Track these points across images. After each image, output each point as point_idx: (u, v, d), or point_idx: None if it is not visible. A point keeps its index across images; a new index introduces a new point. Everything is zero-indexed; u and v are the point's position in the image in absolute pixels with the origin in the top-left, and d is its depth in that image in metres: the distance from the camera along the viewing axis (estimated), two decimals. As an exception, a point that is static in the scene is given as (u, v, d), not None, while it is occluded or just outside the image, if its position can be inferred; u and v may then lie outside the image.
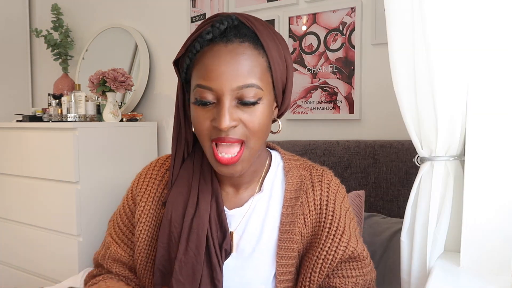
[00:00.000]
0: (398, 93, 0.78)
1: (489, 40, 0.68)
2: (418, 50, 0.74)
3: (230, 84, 0.58)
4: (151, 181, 0.75)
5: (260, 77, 0.61)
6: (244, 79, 0.59)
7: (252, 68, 0.60)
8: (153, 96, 2.00)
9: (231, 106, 0.59)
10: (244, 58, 0.59)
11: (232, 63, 0.58)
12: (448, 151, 0.77)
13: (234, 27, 0.61)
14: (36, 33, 2.10)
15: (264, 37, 0.61)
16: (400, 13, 0.75)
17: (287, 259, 0.69)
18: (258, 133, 0.62)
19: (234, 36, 0.60)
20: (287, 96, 0.69)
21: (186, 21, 1.87)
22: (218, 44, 0.60)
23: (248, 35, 0.61)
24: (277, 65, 0.63)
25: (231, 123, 0.59)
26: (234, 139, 0.61)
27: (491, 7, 0.68)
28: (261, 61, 0.61)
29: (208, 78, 0.59)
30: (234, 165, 0.62)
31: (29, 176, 1.67)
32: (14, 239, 1.78)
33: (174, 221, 0.68)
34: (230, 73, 0.58)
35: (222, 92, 0.59)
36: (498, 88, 0.68)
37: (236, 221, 0.71)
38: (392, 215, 1.22)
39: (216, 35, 0.60)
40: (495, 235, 0.69)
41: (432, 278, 0.69)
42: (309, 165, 0.76)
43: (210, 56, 0.60)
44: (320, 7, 1.51)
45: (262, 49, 0.61)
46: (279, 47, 0.64)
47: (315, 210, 0.70)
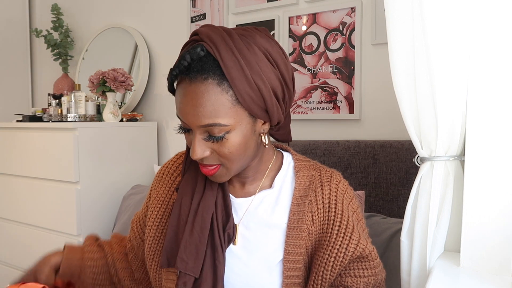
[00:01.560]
0: (398, 93, 0.78)
1: (489, 40, 0.68)
2: (418, 50, 0.74)
3: (195, 122, 0.62)
4: (165, 175, 0.83)
5: (225, 114, 0.61)
6: (207, 120, 0.61)
7: (215, 108, 0.60)
8: (153, 96, 2.00)
9: (200, 138, 0.63)
10: (206, 99, 0.60)
11: (195, 105, 0.60)
12: (448, 151, 0.77)
13: (199, 60, 0.60)
14: (36, 33, 2.10)
15: (229, 69, 0.59)
16: (400, 13, 0.75)
17: (295, 255, 0.70)
18: (232, 158, 0.65)
19: (197, 72, 0.60)
20: (273, 114, 0.66)
21: (186, 21, 1.87)
22: (184, 80, 0.62)
23: (212, 69, 0.60)
24: (246, 96, 0.61)
25: (203, 154, 0.64)
26: (210, 164, 0.66)
27: (491, 7, 0.68)
28: (225, 97, 0.60)
29: (180, 113, 0.64)
30: (214, 176, 0.68)
31: (29, 176, 1.68)
32: (14, 239, 1.78)
33: (183, 205, 0.72)
34: (194, 114, 0.61)
35: (192, 127, 0.63)
36: (498, 88, 0.68)
37: (242, 210, 0.74)
38: (392, 215, 1.22)
39: (182, 71, 0.61)
40: (495, 235, 0.69)
41: (432, 278, 0.69)
42: (319, 167, 0.78)
43: (178, 91, 0.63)
44: (320, 7, 1.51)
45: (227, 82, 0.60)
46: (246, 74, 0.60)
47: (323, 209, 0.72)
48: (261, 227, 0.73)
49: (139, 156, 1.81)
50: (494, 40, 0.68)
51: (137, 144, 1.81)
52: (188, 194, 0.73)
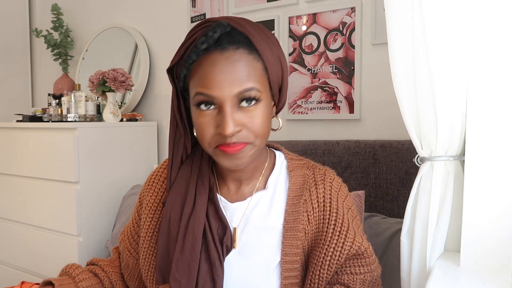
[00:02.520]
0: (398, 93, 0.78)
1: (489, 40, 0.68)
2: (418, 50, 0.74)
3: (229, 91, 0.60)
4: (155, 183, 0.80)
5: (258, 80, 0.62)
6: (243, 84, 0.60)
7: (249, 72, 0.61)
8: (153, 96, 2.00)
9: (233, 112, 0.61)
10: (240, 64, 0.61)
11: (230, 71, 0.60)
12: (448, 151, 0.77)
13: (227, 33, 0.62)
14: (36, 33, 2.10)
15: (258, 40, 0.63)
16: (400, 13, 0.75)
17: (292, 255, 0.70)
18: (261, 133, 0.64)
19: (228, 43, 0.61)
20: (283, 94, 0.71)
21: (186, 21, 1.87)
22: (214, 53, 0.61)
23: (241, 41, 0.62)
24: (272, 66, 0.65)
25: (235, 128, 0.61)
26: (239, 142, 0.63)
27: (491, 7, 0.68)
28: (257, 65, 0.63)
29: (208, 87, 0.61)
30: (237, 155, 0.64)
31: (29, 176, 1.68)
32: (14, 239, 1.78)
33: (172, 221, 0.70)
34: (229, 80, 0.60)
35: (223, 99, 0.60)
36: (498, 88, 0.68)
37: (238, 215, 0.73)
38: (392, 215, 1.22)
39: (210, 44, 0.61)
40: (495, 235, 0.69)
41: (432, 278, 0.69)
42: (312, 165, 0.78)
43: (207, 65, 0.61)
44: (320, 7, 1.51)
45: (256, 53, 0.63)
46: (272, 48, 0.65)
47: (318, 208, 0.72)
48: (257, 230, 0.72)
49: (139, 156, 1.81)
50: (494, 40, 0.68)
51: (137, 144, 1.81)
52: (177, 207, 0.71)
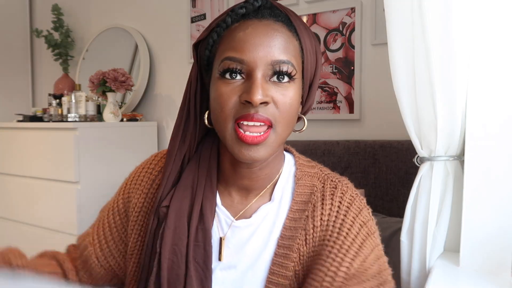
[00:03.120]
0: (398, 93, 0.78)
1: (489, 40, 0.68)
2: (418, 50, 0.74)
3: (265, 57, 0.53)
4: (146, 175, 0.69)
5: (295, 57, 0.56)
6: (280, 54, 0.54)
7: (288, 45, 0.56)
8: (153, 96, 2.00)
9: (263, 81, 0.54)
10: (279, 34, 0.55)
11: (268, 37, 0.54)
12: (448, 151, 0.77)
13: (268, 7, 0.58)
14: (37, 33, 2.11)
15: (297, 22, 0.59)
16: (400, 13, 0.75)
17: (279, 277, 0.60)
18: (287, 116, 0.56)
19: (269, 14, 0.57)
20: (313, 92, 0.63)
21: (186, 21, 1.87)
22: (252, 20, 0.56)
23: (282, 17, 0.57)
24: (309, 53, 0.59)
25: (263, 97, 0.53)
26: (263, 117, 0.54)
27: (491, 7, 0.68)
28: (295, 43, 0.57)
29: (240, 50, 0.54)
30: (258, 146, 0.55)
31: (29, 176, 1.68)
32: (14, 239, 1.78)
33: (179, 232, 0.60)
34: (266, 45, 0.54)
35: (255, 65, 0.53)
36: (498, 88, 0.68)
37: (243, 233, 0.63)
38: (392, 215, 1.22)
39: (249, 11, 0.57)
40: (494, 235, 0.69)
41: (432, 278, 0.69)
42: (324, 175, 0.67)
43: (243, 29, 0.55)
44: (320, 7, 1.51)
45: (295, 32, 0.58)
46: (311, 37, 0.60)
47: (321, 227, 0.61)
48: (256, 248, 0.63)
49: (139, 156, 1.80)
50: (493, 40, 0.68)
51: (137, 144, 1.81)
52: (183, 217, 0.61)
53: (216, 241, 0.63)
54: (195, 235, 0.60)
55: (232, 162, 0.63)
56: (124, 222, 0.70)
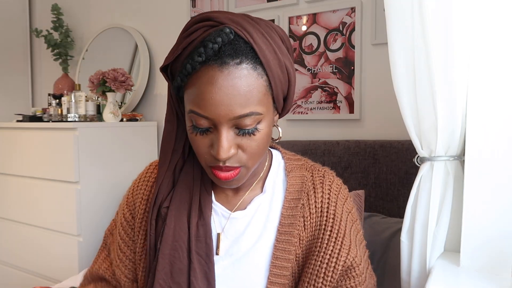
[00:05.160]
0: (398, 93, 0.78)
1: (489, 40, 0.68)
2: (418, 50, 0.74)
3: (226, 114, 0.54)
4: (144, 184, 0.73)
5: (260, 101, 0.56)
6: (242, 109, 0.54)
7: (251, 93, 0.54)
8: (153, 96, 2.00)
9: (228, 135, 0.56)
10: (241, 84, 0.53)
11: (229, 91, 0.53)
12: (448, 151, 0.77)
13: (229, 43, 0.53)
14: (36, 33, 2.10)
15: (263, 52, 0.55)
16: (400, 13, 0.75)
17: (283, 261, 0.66)
18: (257, 155, 0.60)
19: (230, 56, 0.53)
20: (289, 103, 0.65)
21: (186, 21, 1.86)
22: (212, 67, 0.53)
23: (245, 53, 0.54)
24: (278, 80, 0.58)
25: (229, 153, 0.56)
26: (232, 166, 0.58)
27: (491, 7, 0.68)
28: (261, 82, 0.55)
29: (203, 107, 0.54)
30: (231, 181, 0.61)
31: (29, 176, 1.68)
32: (14, 239, 1.78)
33: (179, 230, 0.65)
34: (227, 102, 0.53)
35: (218, 121, 0.54)
36: (498, 88, 0.68)
37: (239, 224, 0.68)
38: (392, 215, 1.22)
39: (209, 56, 0.53)
40: (495, 235, 0.69)
41: (432, 278, 0.69)
42: (311, 166, 0.73)
43: (204, 81, 0.54)
44: (320, 7, 1.51)
45: (261, 67, 0.55)
46: (279, 57, 0.57)
47: (316, 213, 0.68)
48: (253, 237, 0.67)
49: (139, 156, 1.81)
50: (494, 40, 0.68)
51: (137, 144, 1.81)
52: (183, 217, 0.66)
53: (214, 236, 0.67)
54: (196, 231, 0.65)
55: None
56: (131, 231, 0.73)
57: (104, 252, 0.78)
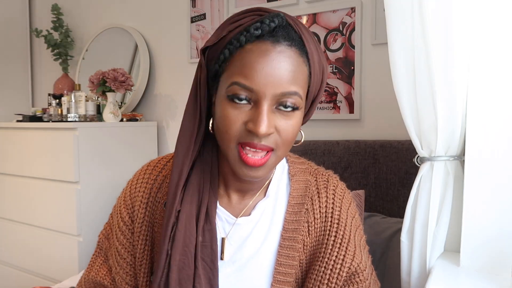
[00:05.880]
0: (398, 93, 0.78)
1: (489, 40, 0.68)
2: (418, 50, 0.74)
3: (274, 88, 0.54)
4: (143, 186, 0.70)
5: (303, 86, 0.57)
6: (289, 86, 0.55)
7: (298, 75, 0.56)
8: (153, 96, 2.00)
9: (270, 111, 0.55)
10: (291, 63, 0.55)
11: (280, 66, 0.54)
12: (448, 151, 0.77)
13: (283, 27, 0.56)
14: (36, 33, 2.11)
15: (309, 44, 0.58)
16: (400, 13, 0.75)
17: (286, 267, 0.65)
18: (288, 142, 0.59)
19: (283, 38, 0.55)
20: (314, 107, 0.65)
21: (186, 21, 1.87)
22: (265, 43, 0.54)
23: (295, 40, 0.56)
24: (316, 76, 0.59)
25: (268, 130, 0.55)
26: (266, 146, 0.57)
27: (491, 7, 0.68)
28: (305, 69, 0.57)
29: (251, 77, 0.54)
30: (258, 168, 0.58)
31: (29, 176, 1.68)
32: (14, 239, 1.78)
33: (189, 235, 0.62)
34: (277, 76, 0.54)
35: (263, 95, 0.54)
36: (498, 88, 0.68)
37: (243, 230, 0.67)
38: (392, 215, 1.22)
39: (265, 32, 0.55)
40: (495, 235, 0.69)
41: (432, 278, 0.69)
42: (315, 170, 0.72)
43: (257, 54, 0.54)
44: (320, 7, 1.51)
45: (306, 57, 0.57)
46: (320, 57, 0.60)
47: (320, 218, 0.67)
48: (257, 243, 0.66)
49: (139, 156, 1.81)
50: (494, 40, 0.68)
51: (137, 144, 1.81)
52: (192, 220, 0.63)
53: (218, 241, 0.66)
54: (203, 236, 0.63)
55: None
56: (131, 235, 0.71)
57: (100, 258, 0.75)
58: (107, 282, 0.73)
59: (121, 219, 0.71)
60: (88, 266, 0.76)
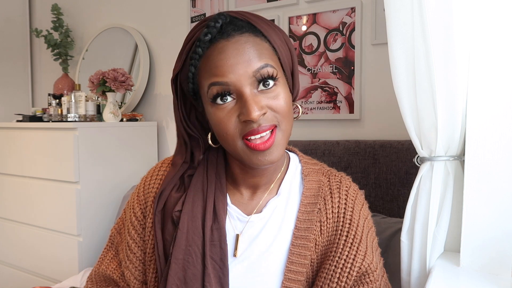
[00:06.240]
0: (398, 93, 0.78)
1: (489, 40, 0.68)
2: (418, 50, 0.74)
3: (245, 72, 0.57)
4: (156, 182, 0.72)
5: (270, 58, 0.60)
6: (257, 62, 0.57)
7: (260, 51, 0.59)
8: (153, 96, 2.00)
9: (253, 95, 0.57)
10: (249, 46, 0.58)
11: (240, 54, 0.57)
12: (448, 151, 0.77)
13: (229, 23, 0.60)
14: (36, 33, 2.11)
15: (260, 24, 0.61)
16: (400, 13, 0.75)
17: (298, 265, 0.65)
18: (287, 114, 0.60)
19: (233, 30, 0.59)
20: (296, 78, 0.68)
21: (186, 21, 1.87)
22: (219, 41, 0.59)
23: (245, 27, 0.60)
24: (281, 47, 0.63)
25: (260, 111, 0.57)
26: (267, 126, 0.58)
27: (491, 7, 0.68)
28: (266, 45, 0.60)
29: (221, 74, 0.57)
30: (270, 150, 0.59)
31: (29, 176, 1.68)
32: (14, 239, 1.78)
33: (192, 234, 0.64)
34: (242, 61, 0.57)
35: (240, 83, 0.57)
36: (498, 88, 0.68)
37: (255, 227, 0.68)
38: (392, 215, 1.22)
39: (214, 34, 0.59)
40: (495, 235, 0.69)
41: (432, 278, 0.69)
42: (327, 171, 0.74)
43: (216, 54, 0.58)
44: (320, 7, 1.51)
45: (262, 35, 0.61)
46: (277, 32, 0.63)
47: (333, 218, 0.68)
48: (268, 240, 0.67)
49: (139, 156, 1.81)
50: (494, 40, 0.68)
51: (137, 144, 1.81)
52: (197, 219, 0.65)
53: (232, 238, 0.67)
54: (211, 235, 0.64)
55: (242, 165, 0.68)
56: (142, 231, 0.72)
57: (111, 252, 0.76)
58: (116, 276, 0.74)
59: (133, 214, 0.73)
60: (99, 259, 0.77)
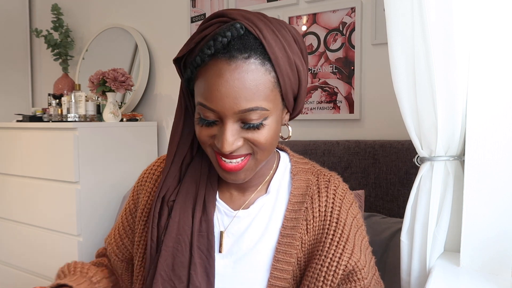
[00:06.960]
0: (398, 93, 0.78)
1: (489, 40, 0.68)
2: (418, 50, 0.74)
3: (232, 107, 0.54)
4: (150, 176, 0.76)
5: (266, 97, 0.56)
6: (248, 103, 0.54)
7: (257, 88, 0.55)
8: (153, 96, 2.00)
9: (234, 128, 0.57)
10: (248, 78, 0.54)
11: (235, 85, 0.54)
12: (448, 151, 0.77)
13: (239, 38, 0.55)
14: (36, 33, 2.11)
15: (273, 48, 0.56)
16: (400, 13, 0.75)
17: (284, 264, 0.66)
18: (266, 148, 0.60)
19: (238, 51, 0.54)
20: (300, 102, 0.65)
21: (186, 21, 1.87)
22: (221, 61, 0.54)
23: (254, 48, 0.55)
24: (286, 78, 0.58)
25: (234, 145, 0.57)
26: (241, 155, 0.59)
27: (491, 7, 0.68)
28: (268, 78, 0.56)
29: (210, 99, 0.55)
30: (237, 172, 0.61)
31: (29, 176, 1.67)
32: (14, 239, 1.78)
33: (183, 224, 0.66)
34: (233, 95, 0.54)
35: (224, 115, 0.55)
36: (498, 88, 0.68)
37: (242, 223, 0.69)
38: (392, 215, 1.22)
39: (218, 49, 0.54)
40: (495, 235, 0.69)
41: (432, 278, 0.69)
42: (317, 170, 0.73)
43: (212, 74, 0.55)
44: (320, 7, 1.51)
45: (269, 63, 0.56)
46: (289, 55, 0.58)
47: (320, 217, 0.67)
48: (255, 237, 0.68)
49: (139, 156, 1.81)
50: (494, 40, 0.68)
51: (137, 144, 1.81)
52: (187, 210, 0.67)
53: (217, 234, 0.69)
54: (199, 226, 0.66)
55: None
56: (132, 220, 0.78)
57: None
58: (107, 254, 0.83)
59: (128, 205, 0.79)
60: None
